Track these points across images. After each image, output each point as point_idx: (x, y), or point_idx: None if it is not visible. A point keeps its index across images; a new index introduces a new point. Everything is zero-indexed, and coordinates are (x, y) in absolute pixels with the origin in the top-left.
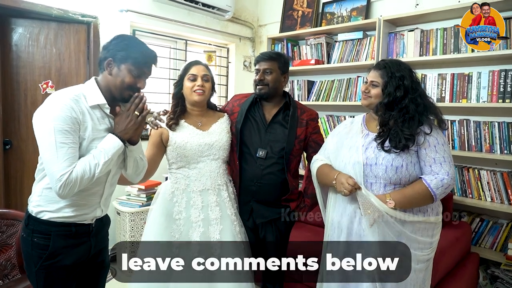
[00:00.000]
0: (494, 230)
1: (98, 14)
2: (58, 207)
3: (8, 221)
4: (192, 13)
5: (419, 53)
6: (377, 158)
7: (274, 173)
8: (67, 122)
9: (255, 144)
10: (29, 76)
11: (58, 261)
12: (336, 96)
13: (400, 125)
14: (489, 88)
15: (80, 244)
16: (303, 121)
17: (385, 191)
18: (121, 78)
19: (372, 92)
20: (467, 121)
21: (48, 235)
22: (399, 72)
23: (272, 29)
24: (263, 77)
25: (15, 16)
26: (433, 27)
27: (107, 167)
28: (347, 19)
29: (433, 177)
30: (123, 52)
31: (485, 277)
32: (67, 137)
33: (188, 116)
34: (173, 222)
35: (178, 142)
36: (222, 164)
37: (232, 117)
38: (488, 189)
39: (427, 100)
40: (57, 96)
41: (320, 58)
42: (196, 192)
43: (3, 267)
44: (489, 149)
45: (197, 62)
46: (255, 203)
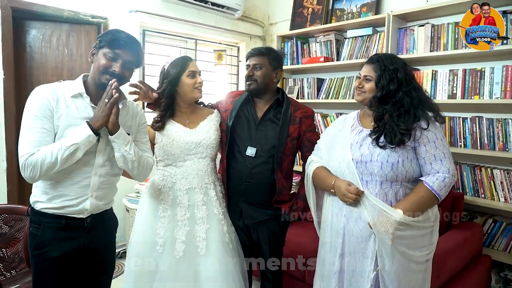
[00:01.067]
0: (508, 231)
1: (108, 15)
2: (48, 198)
3: (17, 216)
4: (202, 12)
5: (430, 49)
6: (372, 155)
7: (263, 173)
8: (37, 108)
9: (245, 142)
10: (42, 77)
11: (46, 252)
12: (345, 93)
13: (395, 119)
14: (502, 84)
15: (72, 238)
16: (296, 119)
17: (381, 189)
18: (98, 63)
19: (365, 86)
20: (479, 118)
21: (39, 225)
22: (392, 65)
23: (282, 27)
24: (252, 73)
25: (28, 19)
26: (444, 21)
27: (74, 153)
28: (357, 15)
29: (434, 178)
30: (100, 39)
31: (498, 280)
32: (36, 122)
33: (177, 113)
34: (158, 220)
35: (164, 140)
36: (210, 162)
37: (225, 114)
38: (502, 189)
39: (422, 94)
40: (37, 87)
41: (330, 56)
42: (183, 190)
43: (11, 260)
44: (502, 147)
45: (190, 57)
46: (244, 203)
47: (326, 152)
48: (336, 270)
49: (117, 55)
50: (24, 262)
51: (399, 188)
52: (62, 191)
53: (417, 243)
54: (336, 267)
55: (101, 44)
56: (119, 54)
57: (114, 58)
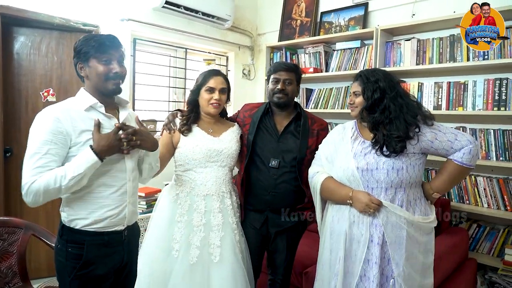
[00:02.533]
0: (491, 235)
1: (99, 23)
2: (88, 212)
3: (9, 229)
4: (192, 22)
5: (416, 62)
6: (377, 163)
7: (288, 182)
8: (47, 132)
9: (267, 154)
10: (30, 84)
11: (91, 270)
12: (334, 104)
13: (387, 127)
14: (484, 96)
15: (113, 253)
16: (314, 131)
17: (386, 195)
18: (95, 72)
19: (356, 101)
20: (463, 129)
21: (81, 245)
22: (373, 76)
23: (271, 38)
24: (284, 87)
25: (17, 25)
26: (429, 36)
27: (79, 182)
28: (345, 28)
29: (461, 153)
30: (82, 50)
31: (483, 282)
32: (42, 147)
33: (201, 122)
34: (175, 225)
35: (187, 145)
36: (229, 172)
37: (244, 128)
38: (485, 195)
39: (409, 99)
40: (45, 109)
41: (319, 67)
42: (200, 196)
43: (4, 275)
44: (485, 156)
45: (217, 73)
46: (270, 212)
47: (326, 161)
48: (336, 273)
49: (110, 56)
50: (18, 277)
51: (403, 193)
52: (103, 201)
53: (426, 247)
54: (337, 269)
55: (88, 54)
56: (112, 54)
57: (109, 60)
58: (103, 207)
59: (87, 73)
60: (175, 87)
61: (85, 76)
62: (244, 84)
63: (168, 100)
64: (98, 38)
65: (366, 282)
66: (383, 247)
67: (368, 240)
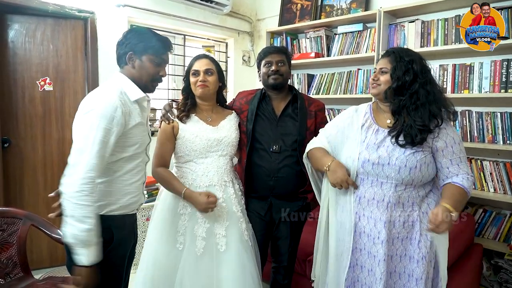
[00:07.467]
0: (497, 220)
1: (95, 10)
2: (115, 198)
3: (9, 219)
4: (190, 7)
5: (420, 44)
6: (390, 158)
7: (290, 166)
8: (109, 121)
9: (267, 139)
10: (26, 73)
11: (119, 251)
12: (336, 89)
13: (412, 114)
14: (491, 78)
15: (130, 234)
16: (311, 113)
17: (395, 192)
18: (145, 70)
19: (381, 79)
20: (469, 112)
21: (107, 229)
22: (408, 56)
23: (271, 23)
24: (278, 68)
25: (11, 13)
26: (434, 17)
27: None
28: (347, 11)
29: (461, 178)
30: (141, 44)
31: (489, 267)
32: (105, 137)
33: (198, 110)
34: (178, 217)
35: (187, 136)
36: (230, 161)
37: (242, 115)
38: (491, 179)
39: (437, 90)
40: (108, 97)
41: (320, 51)
42: (203, 187)
43: (5, 266)
44: (491, 140)
45: (200, 56)
46: (273, 198)
47: (328, 145)
48: (344, 266)
49: (164, 61)
50: (19, 267)
51: (412, 190)
52: (128, 189)
53: None
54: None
55: (146, 51)
56: (165, 60)
57: (161, 64)
58: (128, 194)
59: (135, 65)
60: (173, 75)
61: (130, 65)
62: (244, 71)
63: (168, 88)
64: (160, 39)
65: (372, 277)
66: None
67: (379, 235)
